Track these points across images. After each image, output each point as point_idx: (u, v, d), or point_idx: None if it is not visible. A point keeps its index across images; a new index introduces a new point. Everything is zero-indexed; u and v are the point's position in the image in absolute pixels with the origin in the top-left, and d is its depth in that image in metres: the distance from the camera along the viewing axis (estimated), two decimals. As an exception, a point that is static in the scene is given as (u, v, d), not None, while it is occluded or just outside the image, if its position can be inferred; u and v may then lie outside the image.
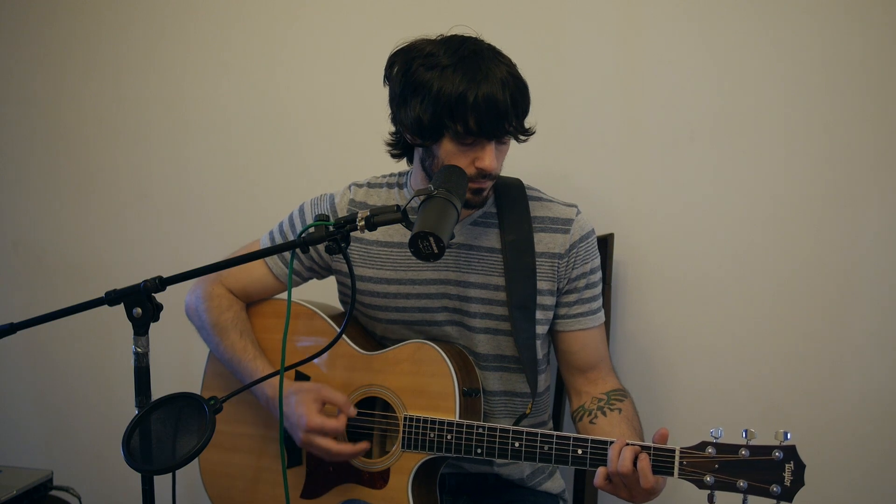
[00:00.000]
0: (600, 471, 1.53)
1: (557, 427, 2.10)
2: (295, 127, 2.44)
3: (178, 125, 2.56)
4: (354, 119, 2.36)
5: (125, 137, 2.61)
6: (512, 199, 1.80)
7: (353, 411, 1.74)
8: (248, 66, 2.47)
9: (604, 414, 1.76)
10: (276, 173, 2.47)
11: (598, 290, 1.84)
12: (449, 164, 1.64)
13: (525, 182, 1.84)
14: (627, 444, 1.51)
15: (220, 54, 2.49)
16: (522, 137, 1.72)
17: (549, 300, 1.80)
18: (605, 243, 2.04)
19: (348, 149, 2.38)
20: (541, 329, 1.80)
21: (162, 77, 2.55)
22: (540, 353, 1.82)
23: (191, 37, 2.52)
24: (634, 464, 1.50)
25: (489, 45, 1.67)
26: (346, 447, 1.72)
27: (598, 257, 1.84)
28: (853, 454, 2.02)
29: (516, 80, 1.63)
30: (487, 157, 1.62)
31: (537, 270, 1.76)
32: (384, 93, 1.71)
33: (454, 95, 1.57)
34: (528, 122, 1.70)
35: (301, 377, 1.84)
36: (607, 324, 2.02)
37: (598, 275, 1.84)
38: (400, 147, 1.78)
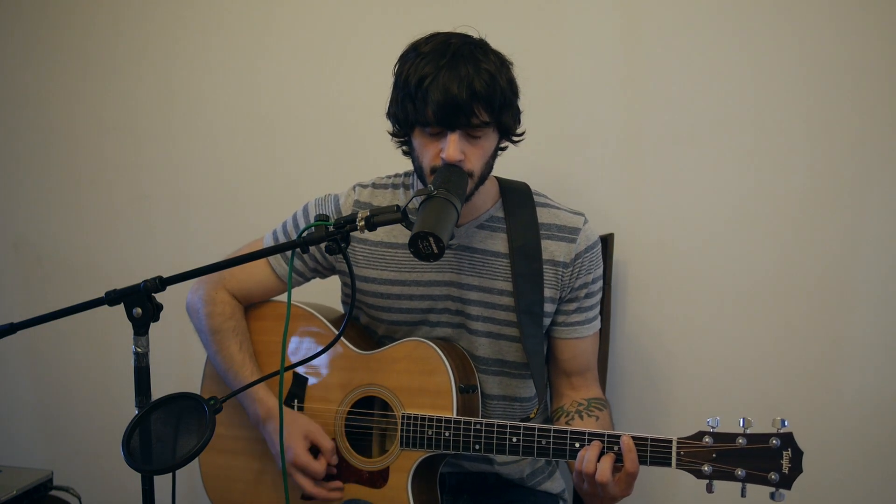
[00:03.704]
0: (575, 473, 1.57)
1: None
2: (296, 126, 2.44)
3: (177, 125, 2.55)
4: (355, 119, 2.36)
5: (125, 137, 2.61)
6: (519, 203, 1.79)
7: (334, 460, 1.77)
8: (249, 65, 2.47)
9: (581, 418, 1.77)
10: (276, 173, 2.46)
11: (597, 298, 1.84)
12: (421, 156, 1.64)
13: (532, 186, 1.83)
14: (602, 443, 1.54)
15: (220, 53, 2.49)
16: (516, 137, 1.71)
17: (550, 307, 1.79)
18: (605, 243, 2.04)
19: (349, 148, 2.38)
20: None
21: (162, 77, 2.55)
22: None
23: (190, 36, 2.52)
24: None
25: (480, 42, 1.65)
26: (321, 491, 1.76)
27: (601, 266, 1.84)
28: (853, 454, 2.02)
29: (487, 73, 1.58)
30: (449, 147, 1.59)
31: (544, 276, 1.76)
32: (385, 93, 1.71)
33: (414, 83, 1.58)
34: (522, 124, 1.69)
35: (299, 379, 1.85)
36: (607, 323, 2.02)
37: (599, 284, 1.84)
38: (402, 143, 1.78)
